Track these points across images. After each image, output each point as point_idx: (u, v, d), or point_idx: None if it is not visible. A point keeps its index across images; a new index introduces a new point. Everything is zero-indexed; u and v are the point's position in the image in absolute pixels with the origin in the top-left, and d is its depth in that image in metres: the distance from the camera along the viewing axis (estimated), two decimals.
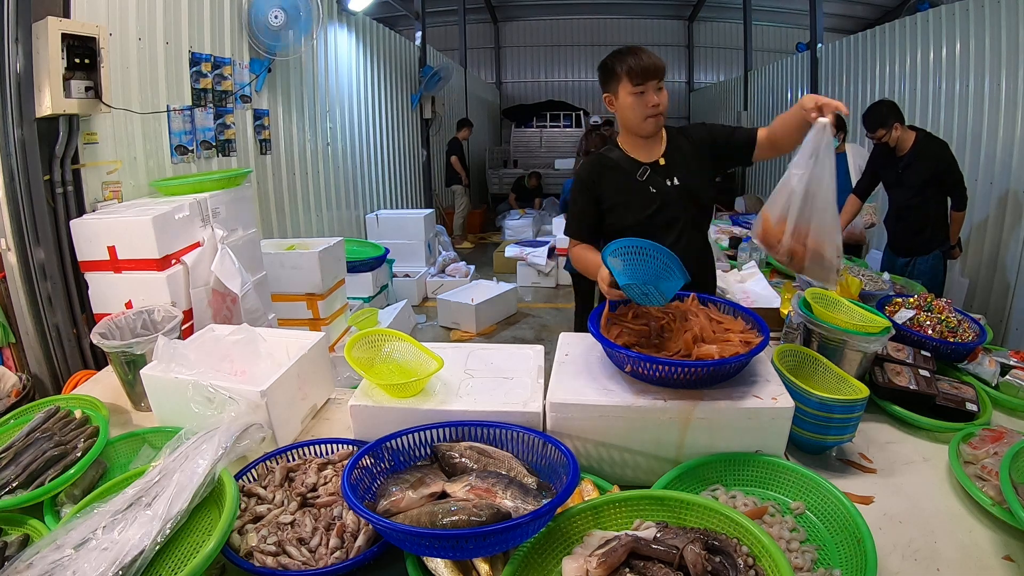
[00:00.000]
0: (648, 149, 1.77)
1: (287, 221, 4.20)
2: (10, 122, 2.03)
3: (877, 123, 3.18)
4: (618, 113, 1.73)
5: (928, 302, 1.85)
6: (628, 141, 1.78)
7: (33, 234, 2.13)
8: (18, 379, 1.91)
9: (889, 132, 3.15)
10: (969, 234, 4.13)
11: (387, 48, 6.30)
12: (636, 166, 1.75)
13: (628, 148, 1.78)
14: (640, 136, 1.74)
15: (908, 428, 1.43)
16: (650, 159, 1.76)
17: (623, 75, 1.65)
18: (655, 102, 1.65)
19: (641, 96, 1.65)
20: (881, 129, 3.17)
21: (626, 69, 1.64)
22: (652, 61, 1.64)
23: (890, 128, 3.15)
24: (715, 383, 1.23)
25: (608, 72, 1.69)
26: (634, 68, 1.63)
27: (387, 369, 1.42)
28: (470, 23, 11.42)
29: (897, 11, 9.15)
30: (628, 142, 1.78)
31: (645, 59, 1.63)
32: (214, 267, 2.30)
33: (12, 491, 1.12)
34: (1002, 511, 1.07)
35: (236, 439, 1.13)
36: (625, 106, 1.68)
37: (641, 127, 1.70)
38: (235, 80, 3.46)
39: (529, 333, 4.96)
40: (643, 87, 1.64)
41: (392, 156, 6.55)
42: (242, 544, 1.03)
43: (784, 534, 1.03)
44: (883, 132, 3.17)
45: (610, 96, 1.72)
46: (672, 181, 1.75)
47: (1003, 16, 3.98)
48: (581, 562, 0.89)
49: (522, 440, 1.17)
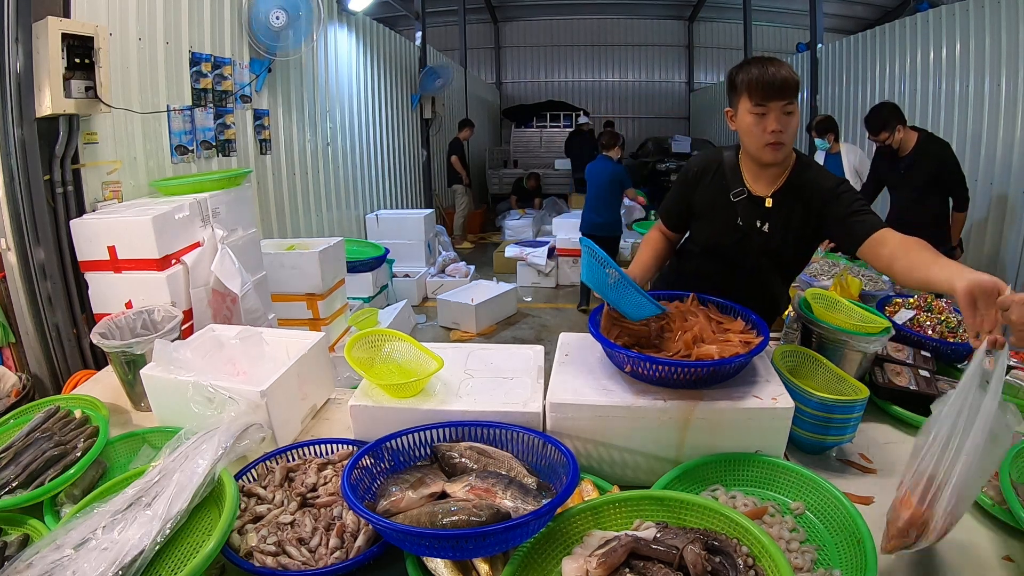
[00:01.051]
0: (763, 177, 1.51)
1: (287, 221, 4.20)
2: (10, 122, 2.03)
3: (880, 126, 3.19)
4: (739, 132, 1.48)
5: (928, 302, 1.86)
6: (747, 161, 1.53)
7: (33, 234, 2.13)
8: (18, 379, 1.91)
9: (892, 134, 3.17)
10: (969, 234, 4.14)
11: (387, 48, 6.31)
12: (738, 184, 1.53)
13: (744, 166, 1.54)
14: (757, 163, 1.49)
15: (908, 428, 1.43)
16: (757, 191, 1.52)
17: (743, 89, 1.40)
18: (776, 128, 1.38)
19: (762, 118, 1.39)
20: (884, 132, 3.18)
21: (747, 82, 1.38)
22: (781, 76, 1.35)
23: (893, 130, 3.16)
24: (715, 383, 1.23)
25: (730, 83, 1.46)
26: (756, 82, 1.36)
27: (387, 369, 1.42)
28: (470, 23, 11.43)
29: (897, 11, 9.16)
30: (746, 162, 1.54)
31: (772, 72, 1.36)
32: (214, 267, 2.30)
33: (12, 491, 1.12)
34: (1002, 511, 1.08)
35: (236, 439, 1.13)
36: (743, 126, 1.44)
37: (758, 154, 1.44)
38: (235, 80, 3.46)
39: (529, 333, 4.96)
40: (765, 108, 1.38)
41: (392, 156, 6.55)
42: (242, 544, 1.03)
43: (784, 534, 1.03)
44: (886, 135, 3.18)
45: (731, 111, 1.48)
46: (763, 225, 1.52)
47: (1003, 16, 3.99)
48: (581, 562, 0.89)
49: (522, 440, 1.17)
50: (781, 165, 1.49)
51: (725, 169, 1.55)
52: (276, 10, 3.48)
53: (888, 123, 3.16)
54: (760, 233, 1.53)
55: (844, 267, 2.86)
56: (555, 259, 6.25)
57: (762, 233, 1.53)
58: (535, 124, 11.90)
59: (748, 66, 1.41)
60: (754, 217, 1.53)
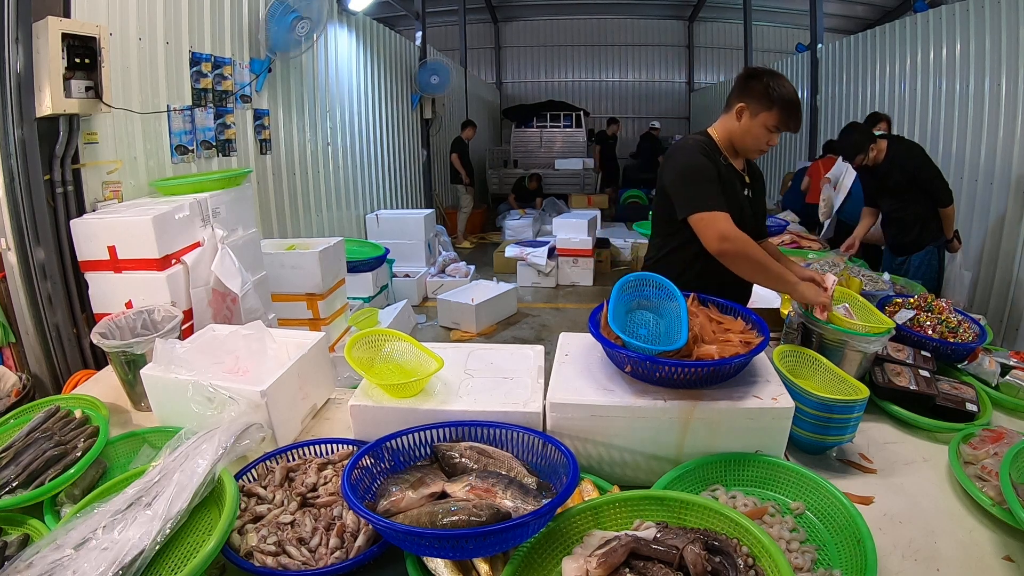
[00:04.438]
0: (735, 159, 1.82)
1: (287, 221, 4.20)
2: (10, 122, 2.03)
3: (855, 151, 3.24)
4: (740, 128, 1.72)
5: (928, 302, 1.85)
6: (726, 144, 1.79)
7: (33, 234, 2.13)
8: (18, 379, 1.91)
9: (867, 155, 3.20)
10: (969, 232, 4.14)
11: (387, 48, 6.31)
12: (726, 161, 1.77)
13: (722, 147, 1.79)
14: (735, 152, 1.79)
15: (908, 428, 1.43)
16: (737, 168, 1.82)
17: (777, 108, 1.64)
18: (774, 143, 1.72)
19: (770, 134, 1.68)
20: (859, 155, 3.23)
21: (784, 109, 1.64)
22: (801, 120, 1.69)
23: (867, 151, 3.19)
24: (715, 383, 1.23)
25: (759, 89, 1.65)
26: (791, 117, 1.65)
27: (387, 369, 1.42)
28: (470, 23, 11.42)
29: (897, 11, 9.16)
30: (725, 144, 1.79)
31: (799, 106, 1.66)
32: (214, 267, 2.30)
33: (12, 491, 1.12)
34: (1002, 511, 1.07)
35: (236, 439, 1.13)
36: (752, 131, 1.69)
37: (747, 151, 1.77)
38: (235, 80, 3.46)
39: (529, 333, 4.96)
40: (778, 130, 1.68)
41: (392, 156, 6.55)
42: (242, 544, 1.03)
43: (784, 534, 1.03)
44: (862, 157, 3.23)
45: (745, 109, 1.69)
46: (748, 193, 1.82)
47: (1003, 16, 3.99)
48: (581, 562, 0.89)
49: (522, 440, 1.17)
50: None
51: (709, 151, 1.76)
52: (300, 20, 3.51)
53: (861, 146, 3.19)
54: (748, 200, 1.81)
55: (844, 267, 2.86)
56: (555, 259, 6.24)
57: (748, 199, 1.81)
58: (535, 124, 11.87)
59: (781, 84, 1.64)
60: (743, 186, 1.81)
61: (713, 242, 1.62)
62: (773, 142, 1.71)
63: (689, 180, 1.69)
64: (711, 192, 1.65)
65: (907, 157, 3.20)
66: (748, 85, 1.68)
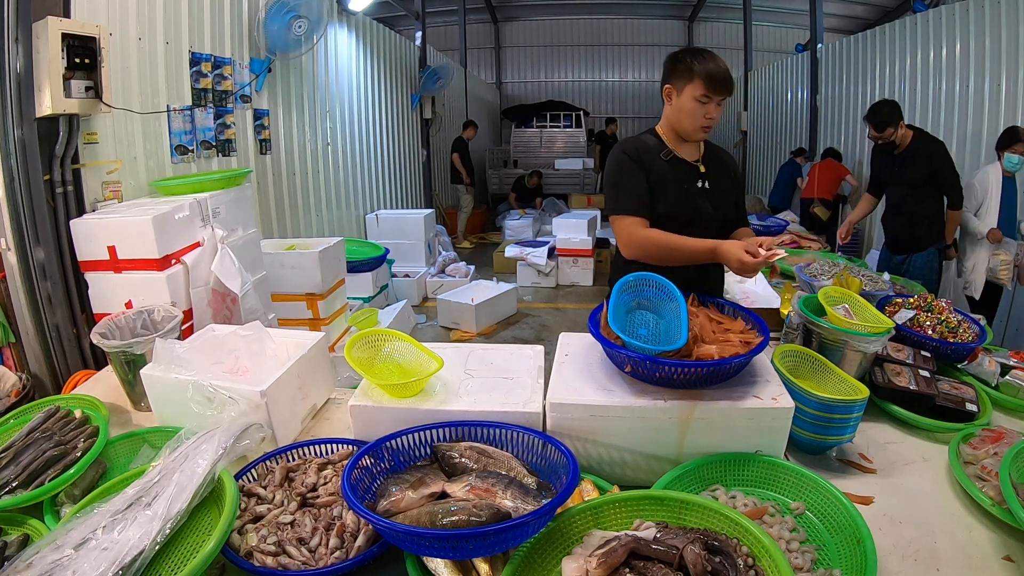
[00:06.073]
0: (687, 149, 1.74)
1: (287, 221, 4.20)
2: (10, 122, 2.03)
3: (886, 122, 3.22)
4: (672, 109, 1.68)
5: (928, 302, 1.85)
6: (670, 135, 1.74)
7: (33, 234, 2.13)
8: (18, 379, 1.91)
9: (896, 131, 3.19)
10: None
11: (387, 48, 6.31)
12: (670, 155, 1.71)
13: (668, 140, 1.74)
14: (683, 138, 1.72)
15: (908, 428, 1.43)
16: (689, 159, 1.73)
17: (698, 78, 1.59)
18: (713, 115, 1.63)
19: (703, 105, 1.61)
20: (890, 128, 3.21)
21: (704, 74, 1.58)
22: (728, 75, 1.60)
23: (897, 126, 3.19)
24: (715, 383, 1.23)
25: (681, 67, 1.63)
26: (713, 77, 1.57)
27: (387, 369, 1.42)
28: (470, 23, 11.42)
29: (897, 11, 9.16)
30: (670, 136, 1.74)
31: (724, 70, 1.59)
32: (214, 267, 2.29)
33: (12, 491, 1.12)
34: (1002, 511, 1.07)
35: (236, 439, 1.13)
36: (684, 107, 1.63)
37: (689, 132, 1.68)
38: (235, 80, 3.46)
39: (529, 333, 4.96)
40: (710, 98, 1.60)
41: (392, 156, 6.55)
42: (242, 544, 1.03)
43: (784, 534, 1.03)
44: (891, 131, 3.21)
45: (672, 90, 1.66)
46: (704, 184, 1.73)
47: (1003, 16, 3.99)
48: (581, 562, 0.89)
49: (522, 440, 1.17)
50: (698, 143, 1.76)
51: (651, 147, 1.72)
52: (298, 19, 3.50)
53: (892, 119, 3.19)
54: (705, 191, 1.73)
55: (844, 267, 2.86)
56: (555, 259, 6.24)
57: (705, 190, 1.73)
58: (535, 124, 11.88)
59: (703, 59, 1.60)
60: (695, 177, 1.72)
61: (622, 248, 1.70)
62: (712, 114, 1.62)
63: (608, 183, 1.74)
64: (621, 193, 1.68)
65: (933, 149, 3.21)
66: (671, 67, 1.67)
